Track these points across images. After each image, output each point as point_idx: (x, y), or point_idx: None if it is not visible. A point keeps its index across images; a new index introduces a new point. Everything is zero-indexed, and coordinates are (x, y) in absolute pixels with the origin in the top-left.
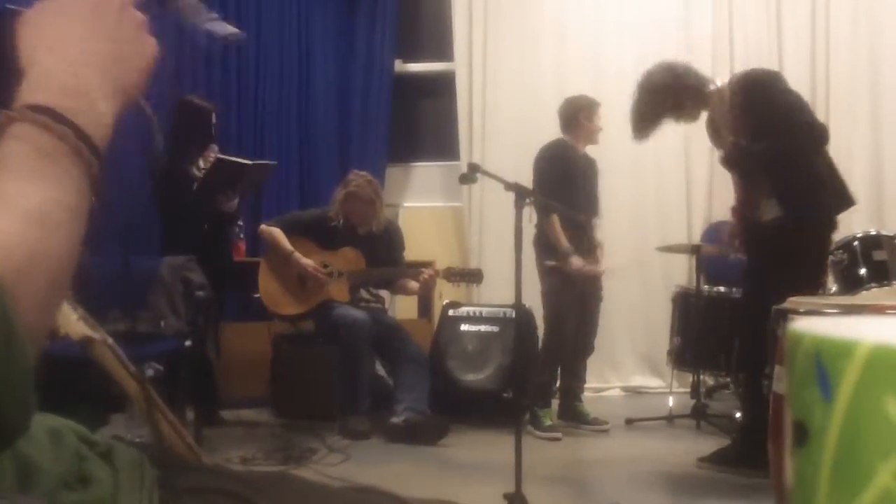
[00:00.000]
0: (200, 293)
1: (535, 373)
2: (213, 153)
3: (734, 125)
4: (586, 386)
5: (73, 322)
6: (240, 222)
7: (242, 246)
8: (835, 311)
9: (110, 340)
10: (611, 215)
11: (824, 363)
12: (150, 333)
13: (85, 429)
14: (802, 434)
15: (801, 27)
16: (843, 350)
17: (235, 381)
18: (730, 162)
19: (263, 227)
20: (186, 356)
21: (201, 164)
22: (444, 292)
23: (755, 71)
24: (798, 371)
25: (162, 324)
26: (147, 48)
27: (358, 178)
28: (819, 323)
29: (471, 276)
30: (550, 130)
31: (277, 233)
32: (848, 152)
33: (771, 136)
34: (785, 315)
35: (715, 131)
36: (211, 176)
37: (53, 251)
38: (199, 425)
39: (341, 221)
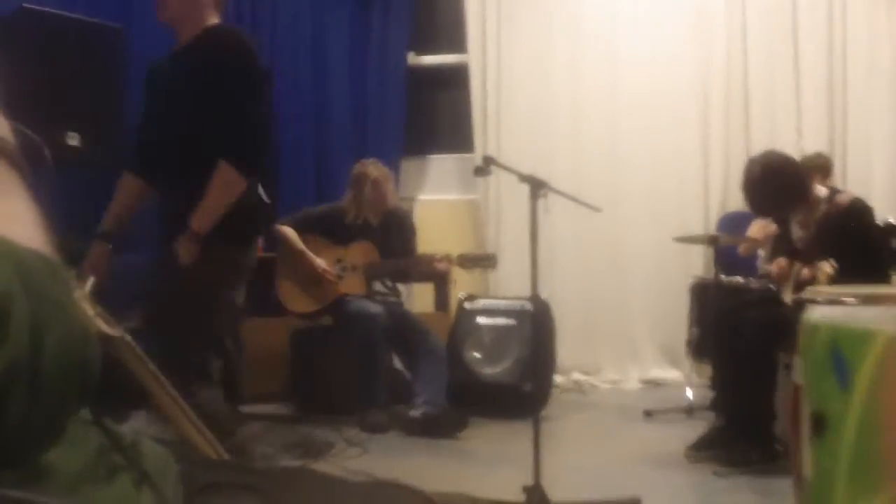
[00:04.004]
0: None
1: None
2: None
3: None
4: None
5: (90, 319)
6: None
7: (260, 240)
8: (853, 300)
9: (128, 337)
10: (629, 206)
11: (842, 353)
12: None
13: (111, 422)
14: (821, 424)
15: (818, 17)
16: (861, 339)
17: (254, 376)
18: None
19: (276, 226)
20: None
21: None
22: (460, 282)
23: (858, 201)
24: (815, 361)
25: None
26: None
27: (366, 166)
28: (836, 312)
29: (485, 261)
30: (565, 121)
31: (289, 232)
32: (867, 138)
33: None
34: (804, 305)
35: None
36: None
37: None
38: None
39: (361, 218)
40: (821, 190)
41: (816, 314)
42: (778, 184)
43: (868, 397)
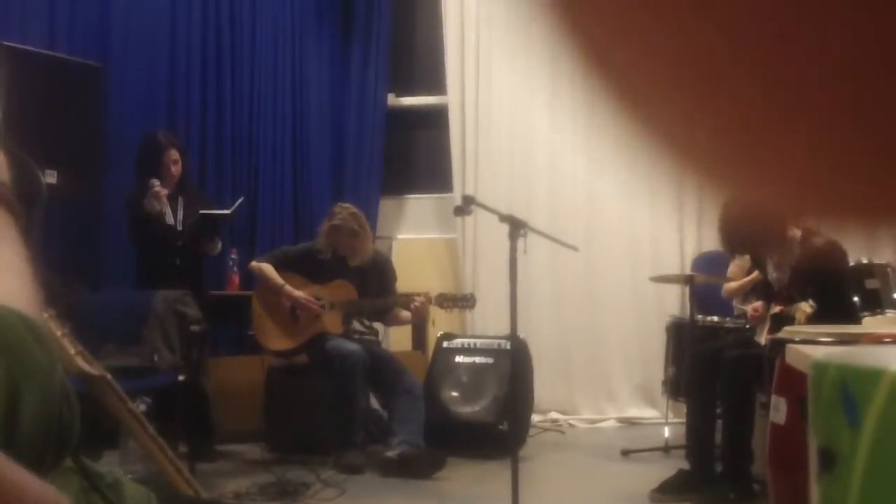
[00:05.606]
0: (195, 327)
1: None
2: (156, 187)
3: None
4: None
5: (71, 358)
6: (233, 255)
7: (236, 279)
8: (830, 339)
9: (109, 376)
10: (606, 246)
11: (851, 391)
12: (144, 368)
13: (90, 462)
14: (829, 460)
15: None
16: (869, 378)
17: (229, 414)
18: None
19: (253, 263)
20: (181, 390)
21: (155, 202)
22: (438, 321)
23: (833, 244)
24: (823, 399)
25: (156, 358)
26: None
27: (342, 210)
28: (844, 352)
29: (463, 302)
30: (542, 162)
31: (267, 268)
32: None
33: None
34: (782, 345)
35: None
36: (196, 229)
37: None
38: (193, 460)
39: (329, 254)
40: (795, 231)
41: (824, 353)
42: (753, 225)
43: (877, 434)
